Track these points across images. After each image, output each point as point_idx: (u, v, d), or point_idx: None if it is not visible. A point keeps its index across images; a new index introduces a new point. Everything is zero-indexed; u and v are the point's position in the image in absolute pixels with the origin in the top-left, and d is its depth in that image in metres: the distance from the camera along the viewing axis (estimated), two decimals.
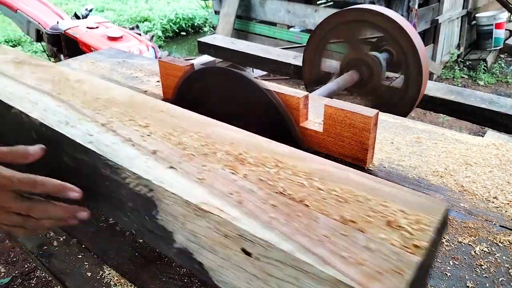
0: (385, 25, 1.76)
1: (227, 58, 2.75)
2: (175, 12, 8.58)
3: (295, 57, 2.39)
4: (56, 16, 4.39)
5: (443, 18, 5.28)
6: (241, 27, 6.06)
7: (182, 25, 8.42)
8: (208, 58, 3.92)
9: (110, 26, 4.00)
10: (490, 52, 5.91)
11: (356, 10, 1.85)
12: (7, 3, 4.51)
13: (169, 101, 1.71)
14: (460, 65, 5.77)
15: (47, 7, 4.55)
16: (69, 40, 3.81)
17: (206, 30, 8.58)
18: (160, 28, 8.11)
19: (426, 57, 1.78)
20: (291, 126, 1.32)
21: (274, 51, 2.54)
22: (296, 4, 5.41)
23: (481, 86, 5.31)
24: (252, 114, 1.38)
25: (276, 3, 5.58)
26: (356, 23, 1.87)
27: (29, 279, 2.34)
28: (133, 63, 2.27)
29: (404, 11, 4.64)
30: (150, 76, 2.08)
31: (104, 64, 2.25)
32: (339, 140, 1.26)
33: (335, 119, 1.24)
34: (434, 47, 5.42)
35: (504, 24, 5.90)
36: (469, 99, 1.88)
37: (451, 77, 5.54)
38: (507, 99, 1.85)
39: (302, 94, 1.35)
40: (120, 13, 9.32)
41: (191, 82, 1.50)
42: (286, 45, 5.08)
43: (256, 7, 5.80)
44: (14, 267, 2.41)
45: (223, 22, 5.75)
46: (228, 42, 2.72)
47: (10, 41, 7.43)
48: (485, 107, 1.81)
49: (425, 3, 5.15)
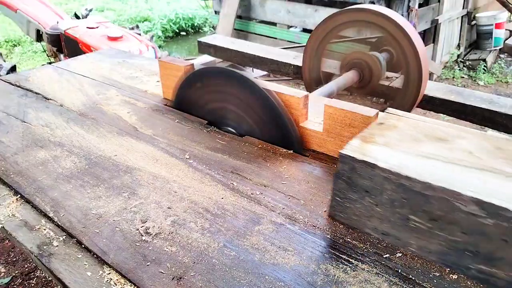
0: (385, 25, 1.76)
1: (227, 58, 2.75)
2: (175, 12, 8.58)
3: (295, 57, 2.39)
4: (56, 16, 4.39)
5: (443, 18, 5.28)
6: (241, 27, 6.05)
7: (182, 25, 8.42)
8: (208, 58, 3.92)
9: (110, 26, 4.00)
10: (490, 52, 5.91)
11: (356, 10, 1.85)
12: (7, 3, 4.51)
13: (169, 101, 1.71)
14: (460, 65, 5.76)
15: (47, 7, 4.54)
16: (69, 40, 3.80)
17: (206, 30, 8.58)
18: (160, 28, 8.11)
19: (426, 57, 1.78)
20: (290, 127, 1.32)
21: (274, 51, 2.54)
22: (296, 4, 5.40)
23: (481, 86, 5.30)
24: (252, 114, 1.38)
25: (276, 3, 5.58)
26: (356, 23, 1.87)
27: (29, 279, 2.34)
28: (133, 63, 2.27)
29: (404, 11, 4.63)
30: (150, 76, 2.08)
31: (104, 64, 2.25)
32: (339, 140, 1.27)
33: (335, 118, 1.24)
34: (434, 47, 5.42)
35: (504, 24, 5.90)
36: (469, 99, 1.88)
37: (451, 77, 5.54)
38: (507, 99, 1.86)
39: (302, 94, 1.36)
40: (120, 13, 9.31)
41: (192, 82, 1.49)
42: (286, 45, 5.08)
43: (256, 7, 5.80)
44: (14, 267, 2.41)
45: (223, 22, 5.75)
46: (228, 42, 2.72)
47: (10, 41, 7.43)
48: (485, 107, 1.81)
49: (425, 3, 5.15)
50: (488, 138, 1.01)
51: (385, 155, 0.93)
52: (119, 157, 1.34)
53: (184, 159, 1.32)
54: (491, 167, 0.88)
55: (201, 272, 0.89)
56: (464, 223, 0.83)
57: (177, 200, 1.12)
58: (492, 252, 0.82)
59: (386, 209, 0.93)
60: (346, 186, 0.98)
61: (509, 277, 0.82)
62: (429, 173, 0.86)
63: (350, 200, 0.99)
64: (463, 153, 0.94)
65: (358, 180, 0.95)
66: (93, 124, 1.57)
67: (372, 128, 1.07)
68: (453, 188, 0.81)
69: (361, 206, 0.98)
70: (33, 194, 1.16)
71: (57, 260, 0.94)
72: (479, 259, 0.84)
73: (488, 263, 0.83)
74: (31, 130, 1.53)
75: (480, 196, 0.79)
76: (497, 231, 0.79)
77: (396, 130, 1.05)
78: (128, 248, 0.96)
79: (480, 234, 0.82)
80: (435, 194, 0.84)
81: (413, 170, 0.87)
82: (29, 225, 1.06)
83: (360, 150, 0.95)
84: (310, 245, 0.96)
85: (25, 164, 1.31)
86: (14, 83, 1.98)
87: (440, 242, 0.88)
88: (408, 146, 0.97)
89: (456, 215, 0.83)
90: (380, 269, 0.89)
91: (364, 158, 0.92)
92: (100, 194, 1.16)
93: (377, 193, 0.93)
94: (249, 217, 1.05)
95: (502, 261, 0.81)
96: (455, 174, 0.86)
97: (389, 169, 0.88)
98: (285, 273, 0.89)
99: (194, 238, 0.99)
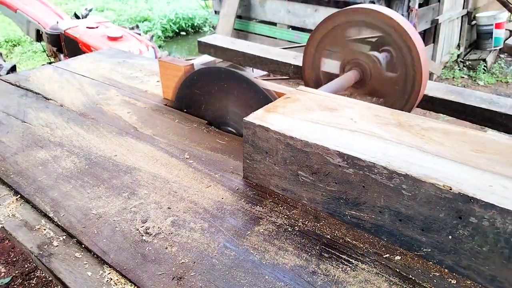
0: (385, 25, 1.76)
1: (227, 58, 2.75)
2: (175, 12, 8.57)
3: (295, 57, 2.38)
4: (56, 16, 4.39)
5: (443, 18, 5.28)
6: (241, 27, 6.05)
7: (182, 25, 8.42)
8: (208, 58, 3.92)
9: (110, 26, 4.00)
10: (490, 52, 5.91)
11: (356, 10, 1.85)
12: (7, 3, 4.51)
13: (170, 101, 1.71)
14: (460, 65, 5.76)
15: (47, 7, 4.54)
16: (69, 40, 3.80)
17: (206, 30, 8.57)
18: (160, 28, 8.10)
19: (426, 57, 1.78)
20: None
21: (274, 51, 2.54)
22: (296, 4, 5.40)
23: (481, 86, 5.30)
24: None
25: (276, 3, 5.58)
26: (356, 23, 1.87)
27: (29, 279, 2.34)
28: (133, 63, 2.27)
29: (404, 11, 4.63)
30: (150, 76, 2.08)
31: (104, 64, 2.25)
32: None
33: None
34: (434, 47, 5.42)
35: (504, 24, 5.90)
36: (469, 99, 1.88)
37: (451, 77, 5.53)
38: (507, 99, 1.85)
39: None
40: (120, 13, 9.31)
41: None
42: (286, 45, 5.07)
43: (256, 7, 5.80)
44: (14, 267, 2.41)
45: (223, 22, 5.74)
46: (228, 42, 2.72)
47: (10, 41, 7.43)
48: (485, 107, 1.81)
49: (425, 3, 5.15)
50: (370, 107, 1.19)
51: (279, 121, 1.11)
52: (119, 157, 1.34)
53: (184, 159, 1.32)
54: (363, 129, 1.06)
55: (201, 272, 0.89)
56: (335, 174, 1.00)
57: (177, 200, 1.12)
58: (356, 197, 0.99)
59: (281, 167, 1.11)
60: (252, 149, 1.15)
61: (371, 219, 0.98)
62: (309, 133, 1.04)
63: (255, 162, 1.16)
64: (345, 119, 1.12)
65: (259, 142, 1.12)
66: (93, 124, 1.57)
67: (278, 101, 1.23)
68: (324, 144, 0.99)
69: (264, 166, 1.15)
70: (33, 194, 1.16)
71: (57, 260, 0.94)
72: (350, 205, 1.01)
73: (355, 208, 1.00)
74: (31, 130, 1.53)
75: (341, 149, 0.97)
76: (357, 179, 0.96)
77: (297, 102, 1.22)
78: (128, 248, 0.96)
79: (346, 183, 0.99)
80: (312, 150, 1.02)
81: (297, 132, 1.05)
82: (29, 225, 1.06)
83: (261, 118, 1.13)
84: (310, 245, 0.96)
85: (25, 164, 1.31)
86: (14, 83, 1.98)
87: (322, 193, 1.05)
88: (301, 114, 1.15)
89: (328, 167, 1.01)
90: (380, 269, 0.89)
91: (261, 123, 1.10)
92: (100, 194, 1.16)
93: (274, 153, 1.11)
94: (249, 217, 1.05)
95: (365, 205, 0.98)
96: (330, 134, 1.04)
97: (279, 131, 1.06)
98: (285, 273, 0.89)
99: (194, 238, 0.99)
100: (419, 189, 0.87)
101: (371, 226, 0.99)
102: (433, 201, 0.86)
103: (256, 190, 1.16)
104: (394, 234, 0.95)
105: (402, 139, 1.01)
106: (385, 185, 0.92)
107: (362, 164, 0.93)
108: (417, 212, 0.90)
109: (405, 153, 0.95)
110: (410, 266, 0.90)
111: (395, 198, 0.92)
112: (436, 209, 0.86)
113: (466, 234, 0.84)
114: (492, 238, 0.81)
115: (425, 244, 0.91)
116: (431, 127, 1.07)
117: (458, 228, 0.85)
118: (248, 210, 1.08)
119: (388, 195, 0.92)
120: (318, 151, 1.00)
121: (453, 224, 0.85)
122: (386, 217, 0.95)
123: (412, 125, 1.08)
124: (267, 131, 1.08)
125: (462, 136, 1.03)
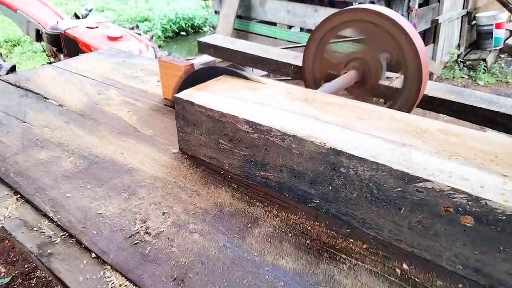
0: (385, 25, 1.76)
1: (227, 58, 2.74)
2: (175, 12, 8.57)
3: (295, 57, 2.38)
4: (56, 16, 4.39)
5: (443, 18, 5.28)
6: (241, 27, 6.05)
7: (182, 25, 8.42)
8: (208, 58, 3.92)
9: (110, 26, 4.00)
10: (490, 52, 5.91)
11: (356, 10, 1.85)
12: (7, 3, 4.51)
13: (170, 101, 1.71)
14: (460, 65, 5.76)
15: (47, 7, 4.55)
16: (69, 40, 3.81)
17: (206, 30, 8.58)
18: (160, 28, 8.11)
19: (426, 57, 1.78)
20: None
21: (274, 51, 2.54)
22: (296, 4, 5.40)
23: (481, 86, 5.30)
24: None
25: (276, 3, 5.58)
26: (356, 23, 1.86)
27: (29, 279, 2.34)
28: (133, 63, 2.27)
29: (404, 11, 4.63)
30: (150, 75, 2.08)
31: (104, 64, 2.25)
32: None
33: None
34: (434, 47, 5.42)
35: (504, 24, 5.90)
36: (469, 99, 1.87)
37: (451, 77, 5.53)
38: (507, 99, 1.85)
39: None
40: (120, 13, 9.31)
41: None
42: (286, 45, 5.07)
43: (256, 7, 5.80)
44: (14, 267, 2.41)
45: (223, 22, 5.74)
46: (228, 42, 2.71)
47: (10, 41, 7.43)
48: (485, 107, 1.81)
49: (425, 3, 5.15)
50: (285, 87, 1.33)
51: (203, 97, 1.25)
52: (119, 157, 1.34)
53: (184, 159, 1.32)
54: (272, 104, 1.20)
55: (201, 272, 0.89)
56: (245, 140, 1.14)
57: (177, 200, 1.12)
58: (262, 159, 1.13)
59: (206, 137, 1.25)
60: (183, 122, 1.29)
61: (275, 177, 1.12)
62: (225, 106, 1.18)
63: (187, 134, 1.30)
64: (261, 96, 1.26)
65: (188, 116, 1.26)
66: (93, 124, 1.57)
67: (209, 82, 1.37)
68: (235, 114, 1.13)
69: (193, 137, 1.29)
70: (33, 194, 1.16)
71: (57, 260, 0.94)
72: (258, 167, 1.15)
73: (263, 169, 1.14)
74: (31, 130, 1.53)
75: (247, 118, 1.11)
76: (261, 142, 1.11)
77: (226, 83, 1.36)
78: (128, 248, 0.96)
79: (254, 147, 1.13)
80: (226, 119, 1.16)
81: (216, 105, 1.19)
82: (29, 225, 1.06)
83: (190, 95, 1.27)
84: (310, 245, 0.96)
85: (25, 164, 1.31)
86: (14, 83, 1.98)
87: (238, 158, 1.19)
88: (226, 92, 1.28)
89: (240, 134, 1.15)
90: (380, 268, 0.89)
91: (188, 99, 1.24)
92: (100, 194, 1.16)
93: (200, 125, 1.25)
94: (249, 218, 1.05)
95: (269, 165, 1.12)
96: (242, 107, 1.18)
97: (201, 105, 1.21)
98: (285, 273, 0.89)
99: (194, 239, 0.99)
100: (303, 147, 1.02)
101: (275, 184, 1.13)
102: (314, 156, 1.01)
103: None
104: (292, 190, 1.10)
105: (303, 111, 1.17)
106: (281, 146, 1.07)
107: (262, 128, 1.09)
108: (305, 168, 1.04)
109: (300, 120, 1.11)
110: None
111: (289, 157, 1.07)
112: (318, 163, 1.01)
113: (340, 184, 0.99)
114: (358, 185, 0.96)
115: (314, 196, 1.06)
116: (332, 102, 1.23)
117: (334, 178, 0.99)
118: (248, 210, 1.08)
119: (284, 155, 1.07)
120: (231, 120, 1.15)
121: (330, 175, 1.00)
122: (285, 174, 1.10)
123: (316, 100, 1.24)
124: (192, 105, 1.23)
125: (353, 108, 1.19)
